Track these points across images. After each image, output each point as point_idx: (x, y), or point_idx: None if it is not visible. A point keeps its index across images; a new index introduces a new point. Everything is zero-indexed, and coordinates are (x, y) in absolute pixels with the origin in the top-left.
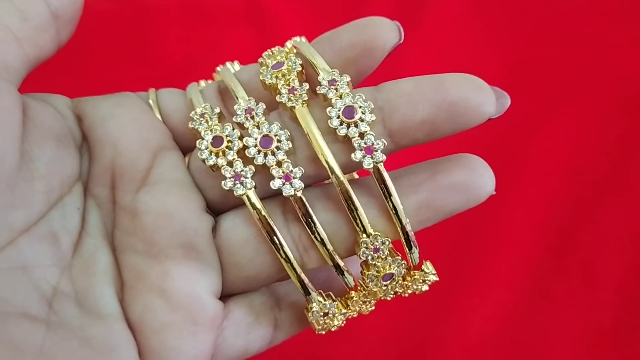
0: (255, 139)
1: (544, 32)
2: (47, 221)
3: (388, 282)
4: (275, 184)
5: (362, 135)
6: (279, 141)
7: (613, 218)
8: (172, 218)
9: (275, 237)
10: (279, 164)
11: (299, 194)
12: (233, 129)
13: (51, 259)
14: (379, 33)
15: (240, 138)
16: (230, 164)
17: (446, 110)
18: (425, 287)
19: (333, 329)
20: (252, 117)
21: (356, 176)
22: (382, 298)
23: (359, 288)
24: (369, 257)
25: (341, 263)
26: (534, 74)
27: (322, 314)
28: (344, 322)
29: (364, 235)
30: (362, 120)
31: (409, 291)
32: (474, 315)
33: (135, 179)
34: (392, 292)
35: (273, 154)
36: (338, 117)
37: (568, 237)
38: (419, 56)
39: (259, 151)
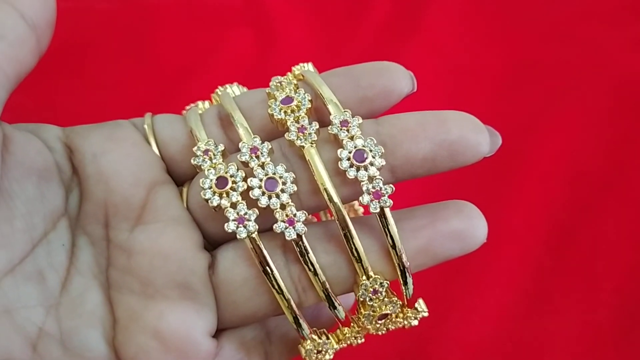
0: (260, 180)
1: (544, 32)
2: (33, 259)
3: (382, 321)
4: (278, 227)
5: (371, 179)
6: (284, 184)
7: (613, 218)
8: (167, 258)
9: (275, 282)
10: (283, 207)
11: (302, 238)
12: (237, 169)
13: (37, 299)
14: (398, 79)
15: (244, 179)
16: (233, 205)
17: (447, 149)
18: (415, 322)
19: None
20: (257, 157)
21: (361, 210)
22: (374, 333)
23: (352, 324)
24: (367, 299)
25: (340, 309)
26: (534, 74)
27: (315, 351)
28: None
29: (364, 277)
30: (371, 165)
31: (399, 325)
32: (474, 316)
33: (129, 217)
34: (385, 329)
35: (277, 196)
36: (348, 159)
37: (568, 237)
38: (419, 56)
39: (263, 193)
